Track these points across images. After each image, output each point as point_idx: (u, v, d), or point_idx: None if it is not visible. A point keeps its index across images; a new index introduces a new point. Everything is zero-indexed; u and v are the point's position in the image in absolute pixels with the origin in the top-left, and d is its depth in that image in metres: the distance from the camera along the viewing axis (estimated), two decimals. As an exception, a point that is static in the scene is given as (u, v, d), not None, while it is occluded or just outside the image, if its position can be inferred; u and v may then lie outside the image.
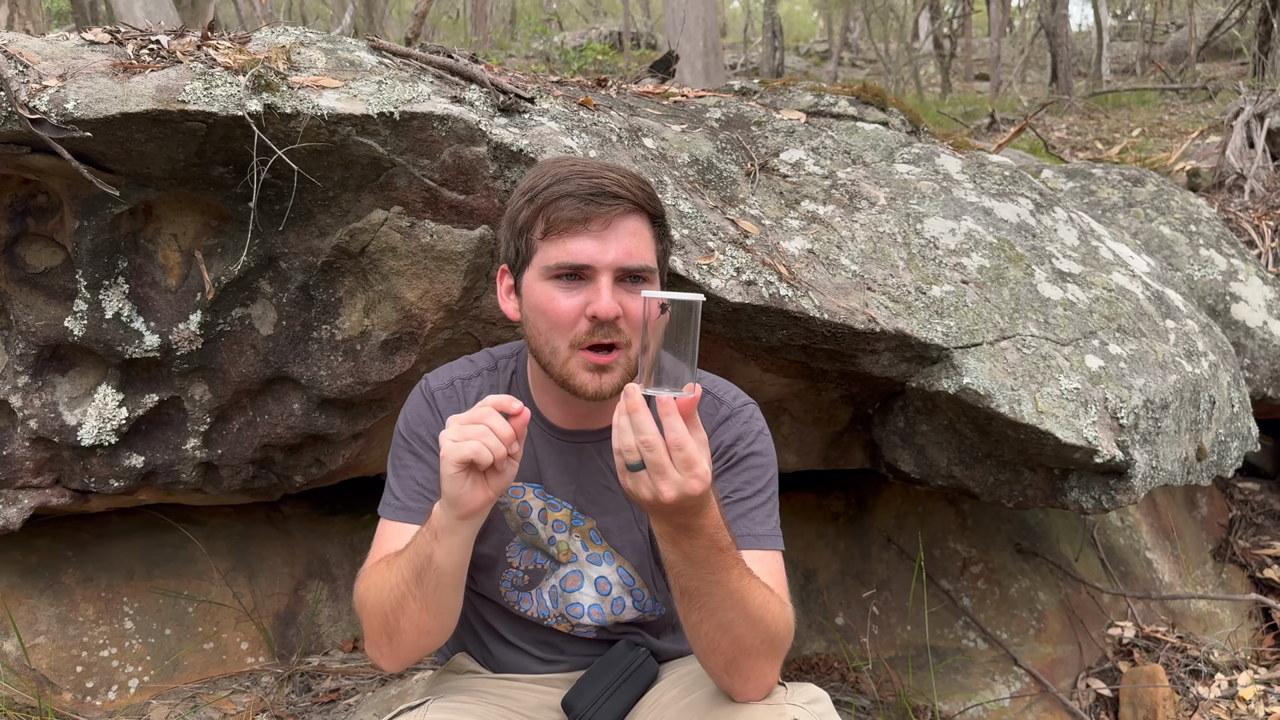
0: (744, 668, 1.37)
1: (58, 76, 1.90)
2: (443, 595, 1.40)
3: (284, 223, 2.09)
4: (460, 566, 1.39)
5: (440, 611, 1.42)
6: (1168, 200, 3.66)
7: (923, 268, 2.36)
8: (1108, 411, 2.24)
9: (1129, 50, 15.79)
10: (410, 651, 1.47)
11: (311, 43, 2.21)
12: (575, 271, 1.43)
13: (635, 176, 1.47)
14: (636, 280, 1.45)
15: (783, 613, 1.37)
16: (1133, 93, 11.01)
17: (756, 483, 1.54)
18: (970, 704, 2.75)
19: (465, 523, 1.34)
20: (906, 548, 3.04)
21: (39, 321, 2.12)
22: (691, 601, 1.33)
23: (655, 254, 1.49)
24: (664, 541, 1.29)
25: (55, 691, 2.39)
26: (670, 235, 1.57)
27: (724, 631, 1.33)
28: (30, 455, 2.21)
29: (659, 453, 1.18)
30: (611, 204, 1.42)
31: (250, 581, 2.63)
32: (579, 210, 1.41)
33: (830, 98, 2.94)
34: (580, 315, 1.42)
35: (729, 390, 1.64)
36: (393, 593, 1.42)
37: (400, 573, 1.41)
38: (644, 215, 1.47)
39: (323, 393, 2.24)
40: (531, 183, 1.48)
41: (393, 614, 1.42)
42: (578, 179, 1.43)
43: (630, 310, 1.44)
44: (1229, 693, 2.87)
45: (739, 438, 1.57)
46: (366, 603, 1.47)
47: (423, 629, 1.43)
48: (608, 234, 1.42)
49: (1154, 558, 3.33)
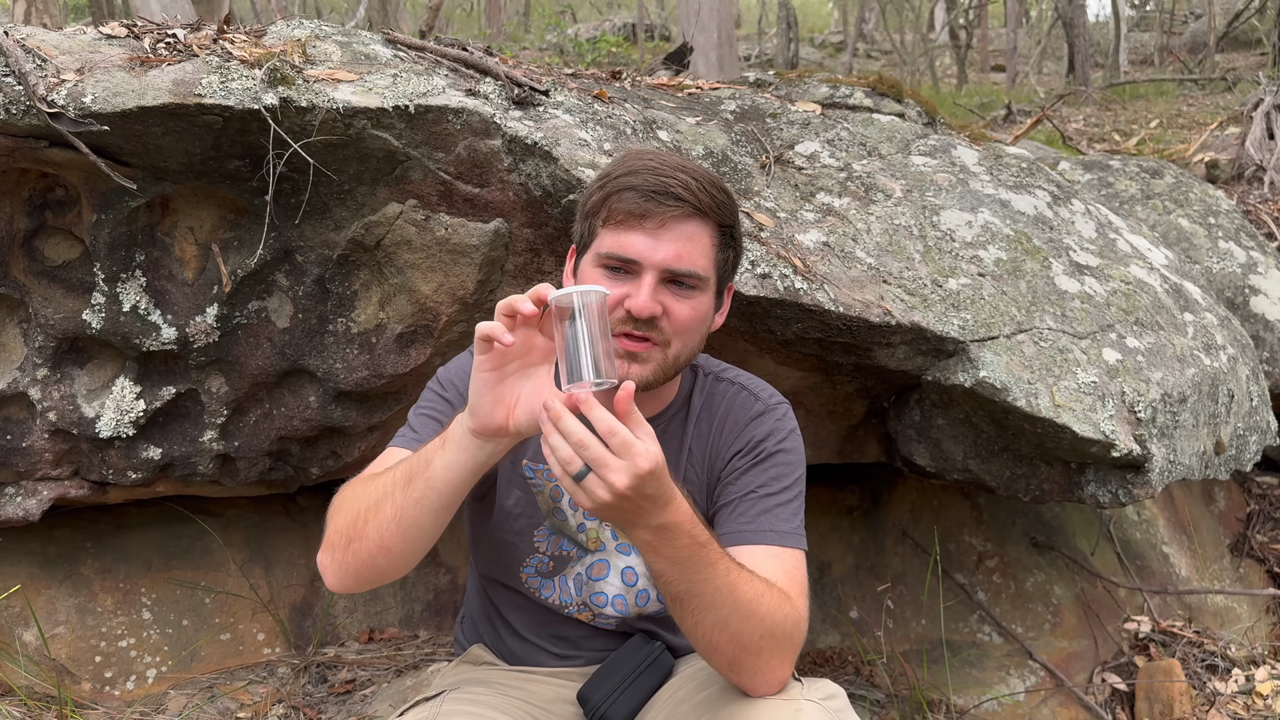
0: (748, 664, 1.34)
1: (75, 70, 1.91)
2: (421, 513, 1.33)
3: (300, 216, 2.10)
4: (452, 491, 1.32)
5: (409, 531, 1.34)
6: (1186, 192, 3.63)
7: (939, 260, 2.35)
8: (1125, 405, 2.23)
9: (1147, 41, 15.65)
10: (361, 567, 1.38)
11: (327, 36, 2.22)
12: (624, 264, 1.43)
13: (710, 181, 1.45)
14: (685, 285, 1.44)
15: (782, 605, 1.34)
16: (1151, 84, 10.92)
17: (783, 480, 1.53)
18: (985, 698, 2.74)
19: (476, 441, 1.28)
20: (921, 541, 3.03)
21: (57, 314, 2.14)
22: (684, 606, 1.30)
23: (713, 262, 1.47)
24: (647, 553, 1.26)
25: (74, 681, 2.41)
26: (736, 250, 1.55)
27: (720, 629, 1.31)
28: (49, 447, 2.23)
29: (594, 447, 1.13)
30: (672, 205, 1.41)
31: (267, 573, 2.64)
32: (638, 205, 1.41)
33: (846, 89, 2.93)
34: (619, 305, 1.42)
35: (765, 389, 1.64)
36: (373, 494, 1.37)
37: (391, 476, 1.36)
38: (707, 221, 1.45)
39: (338, 385, 2.25)
40: (609, 169, 1.48)
41: (363, 515, 1.36)
42: (647, 174, 1.42)
43: (673, 312, 1.43)
44: (1246, 688, 2.85)
45: (770, 433, 1.57)
46: (341, 504, 1.42)
47: (385, 543, 1.35)
48: (662, 233, 1.41)
49: (1171, 552, 3.32)
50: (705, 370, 1.66)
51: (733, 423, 1.59)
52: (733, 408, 1.60)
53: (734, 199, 1.52)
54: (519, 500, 1.64)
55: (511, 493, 1.64)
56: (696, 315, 1.47)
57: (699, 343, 1.52)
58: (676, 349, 1.47)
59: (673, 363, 1.48)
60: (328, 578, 1.43)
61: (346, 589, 1.44)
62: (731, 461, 1.56)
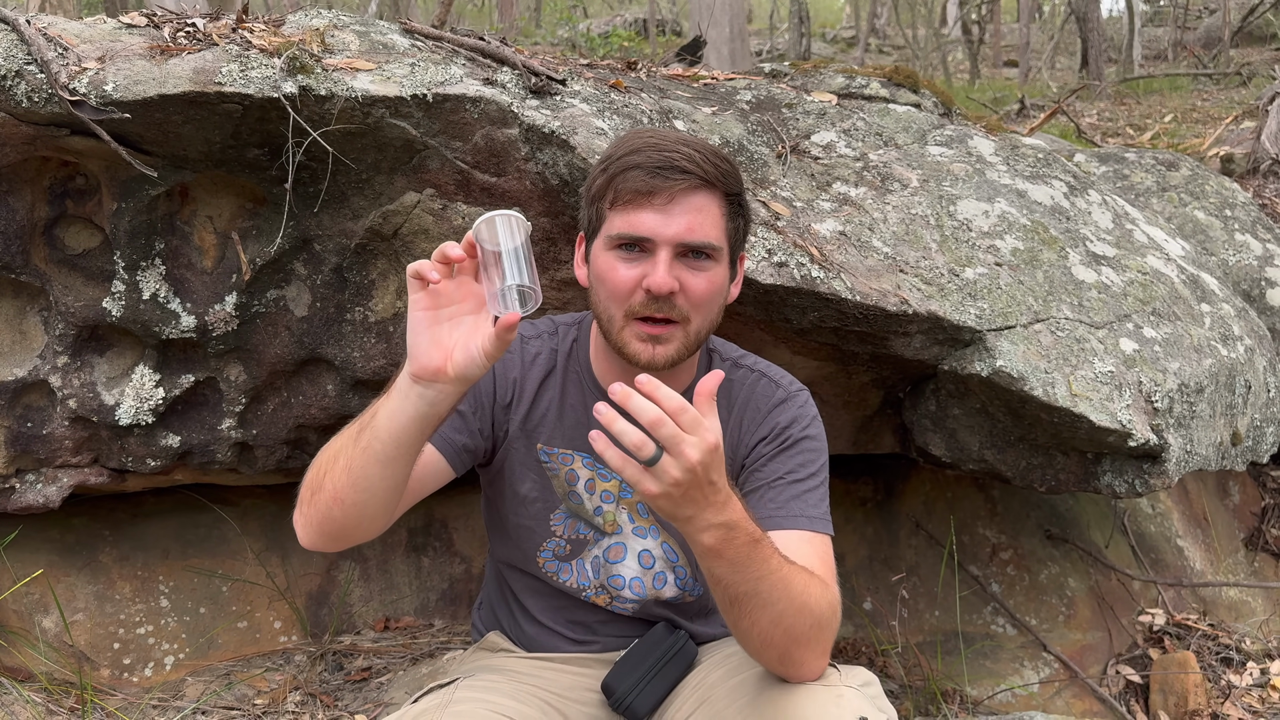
0: (797, 656, 1.35)
1: (96, 59, 1.92)
2: (368, 463, 1.33)
3: (318, 205, 2.11)
4: (395, 441, 1.31)
5: (359, 482, 1.34)
6: (1202, 185, 3.62)
7: (955, 250, 2.34)
8: (1142, 395, 2.22)
9: (1161, 35, 15.57)
10: (323, 518, 1.40)
11: (345, 25, 2.22)
12: (636, 243, 1.43)
13: (712, 152, 1.46)
14: (699, 256, 1.45)
15: (824, 593, 1.35)
16: (1165, 78, 10.87)
17: (810, 466, 1.54)
18: (999, 689, 2.74)
19: (416, 388, 1.28)
20: (935, 533, 3.03)
21: (78, 302, 2.15)
22: (743, 607, 1.28)
23: (724, 231, 1.47)
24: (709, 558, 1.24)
25: (93, 668, 2.43)
26: (749, 214, 1.56)
27: (776, 625, 1.30)
28: (69, 434, 2.24)
29: (668, 425, 1.11)
30: (679, 179, 1.41)
31: (283, 561, 2.66)
32: (645, 182, 1.41)
33: (861, 80, 2.92)
34: (637, 286, 1.43)
35: (784, 375, 1.65)
36: (334, 448, 1.40)
37: (349, 430, 1.38)
38: (714, 191, 1.45)
39: (356, 374, 2.26)
40: (610, 151, 1.49)
41: (324, 468, 1.39)
42: (649, 151, 1.42)
43: (689, 286, 1.44)
44: (1260, 681, 2.85)
45: (794, 420, 1.58)
46: (313, 462, 1.44)
47: (338, 494, 1.36)
48: (672, 208, 1.42)
49: (1185, 545, 3.31)
50: (723, 355, 1.67)
51: (754, 409, 1.59)
52: (754, 394, 1.61)
53: (737, 168, 1.52)
54: (534, 484, 1.64)
55: (526, 478, 1.65)
56: (713, 287, 1.47)
57: (718, 314, 1.52)
58: (697, 324, 1.47)
59: (694, 338, 1.48)
60: (298, 533, 1.46)
61: (314, 544, 1.46)
62: (757, 448, 1.57)
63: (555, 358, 1.65)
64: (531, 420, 1.63)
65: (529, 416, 1.63)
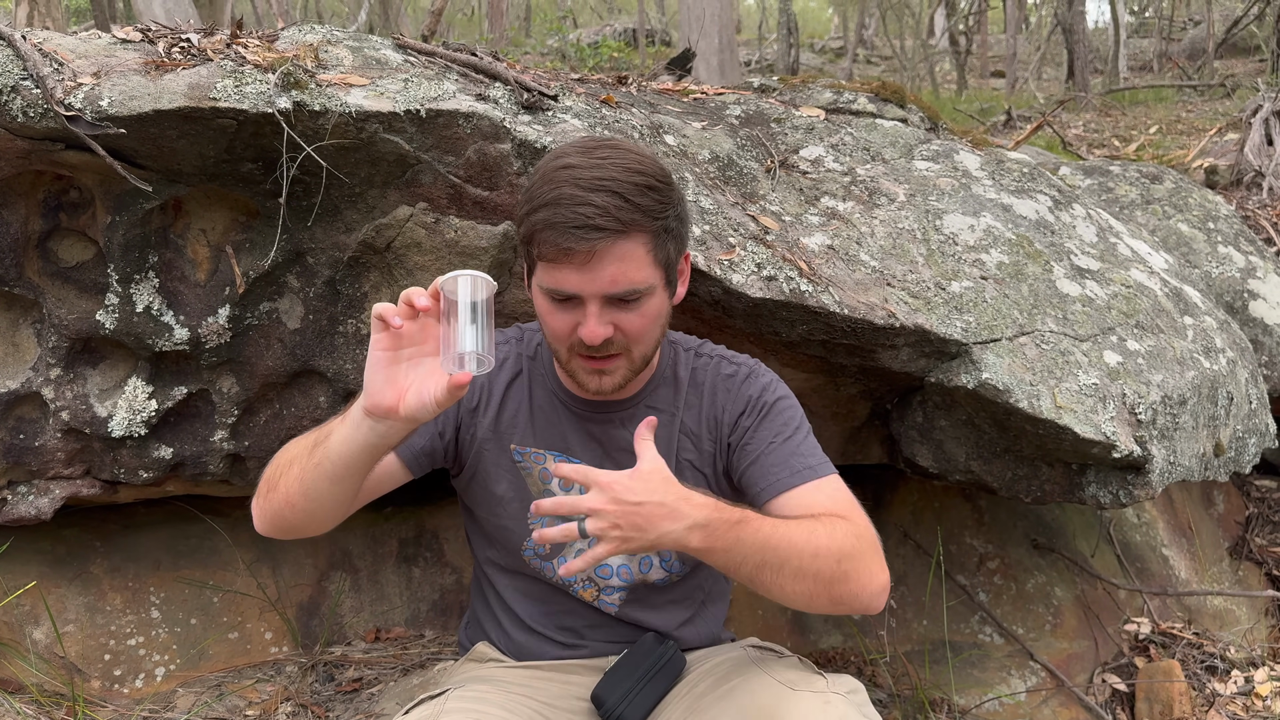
0: (843, 592, 1.41)
1: (92, 74, 1.94)
2: (319, 479, 1.43)
3: (312, 218, 2.13)
4: (345, 464, 1.41)
5: (309, 492, 1.45)
6: (1186, 197, 3.66)
7: (942, 264, 2.37)
8: (1126, 407, 2.25)
9: (1146, 47, 15.71)
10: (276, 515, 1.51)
11: (338, 41, 2.24)
12: (566, 297, 1.46)
13: (633, 188, 1.42)
14: (631, 297, 1.46)
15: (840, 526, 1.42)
16: (1150, 90, 10.96)
17: (792, 423, 1.63)
18: (987, 698, 2.77)
19: (368, 421, 1.35)
20: (923, 543, 3.05)
21: (71, 315, 2.16)
22: (763, 579, 1.37)
23: (654, 264, 1.47)
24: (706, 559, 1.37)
25: (84, 679, 2.43)
26: (678, 231, 1.54)
27: (800, 578, 1.37)
28: (62, 446, 2.25)
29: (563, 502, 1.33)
30: (595, 236, 1.39)
31: (274, 572, 2.67)
32: (559, 248, 1.40)
33: (849, 95, 2.96)
34: (573, 331, 1.47)
35: (737, 355, 1.74)
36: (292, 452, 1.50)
37: (307, 440, 1.48)
38: (637, 233, 1.43)
39: (348, 386, 2.27)
40: (528, 194, 1.46)
41: (281, 469, 1.49)
42: (566, 207, 1.39)
43: (625, 326, 1.48)
44: (1245, 689, 2.88)
45: (763, 389, 1.66)
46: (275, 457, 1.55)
47: (290, 499, 1.47)
48: (593, 263, 1.41)
49: (1170, 554, 3.34)
50: (684, 346, 1.74)
51: (723, 390, 1.67)
52: (718, 376, 1.68)
53: (667, 185, 1.48)
54: (510, 484, 1.69)
55: (501, 478, 1.69)
56: (649, 319, 1.51)
57: (661, 332, 1.58)
58: (640, 350, 1.53)
59: (641, 360, 1.55)
60: (254, 520, 1.57)
61: (268, 533, 1.58)
62: (739, 422, 1.64)
63: (521, 361, 1.72)
64: (502, 422, 1.69)
65: (499, 418, 1.69)
